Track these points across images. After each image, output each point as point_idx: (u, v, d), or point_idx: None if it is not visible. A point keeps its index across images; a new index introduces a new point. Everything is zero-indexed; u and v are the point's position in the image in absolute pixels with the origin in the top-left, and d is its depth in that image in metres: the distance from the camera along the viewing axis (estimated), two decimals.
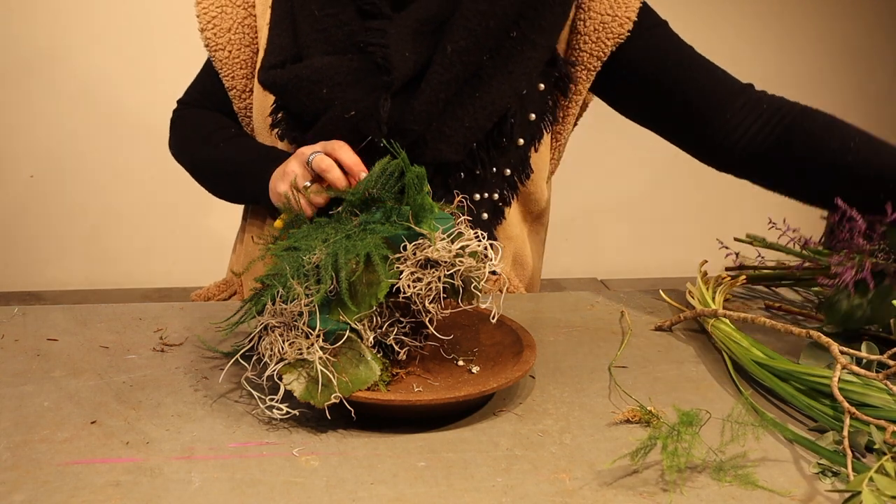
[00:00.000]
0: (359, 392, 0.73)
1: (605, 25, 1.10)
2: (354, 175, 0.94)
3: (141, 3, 2.48)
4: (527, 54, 1.05)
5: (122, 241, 2.73)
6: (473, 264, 0.76)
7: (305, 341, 0.75)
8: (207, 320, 0.99)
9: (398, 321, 0.82)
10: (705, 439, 0.72)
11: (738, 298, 1.15)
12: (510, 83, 1.05)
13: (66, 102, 2.58)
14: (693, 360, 0.93)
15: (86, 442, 0.71)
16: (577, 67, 1.12)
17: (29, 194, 2.64)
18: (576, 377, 0.87)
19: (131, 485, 0.65)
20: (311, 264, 0.77)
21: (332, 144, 0.97)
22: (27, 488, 0.64)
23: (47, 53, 2.54)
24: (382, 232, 0.78)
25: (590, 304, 1.11)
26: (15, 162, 2.61)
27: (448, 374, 0.84)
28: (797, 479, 0.69)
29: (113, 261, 2.76)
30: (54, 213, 2.67)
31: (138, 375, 0.83)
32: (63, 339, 0.92)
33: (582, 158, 2.80)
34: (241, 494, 0.64)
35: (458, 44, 1.01)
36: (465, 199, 0.86)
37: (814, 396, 0.80)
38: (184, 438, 0.72)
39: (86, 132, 2.60)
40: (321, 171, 0.95)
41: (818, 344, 0.84)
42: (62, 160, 2.62)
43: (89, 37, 2.54)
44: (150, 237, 2.74)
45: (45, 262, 2.72)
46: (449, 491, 0.65)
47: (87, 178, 2.61)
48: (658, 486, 0.67)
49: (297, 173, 0.98)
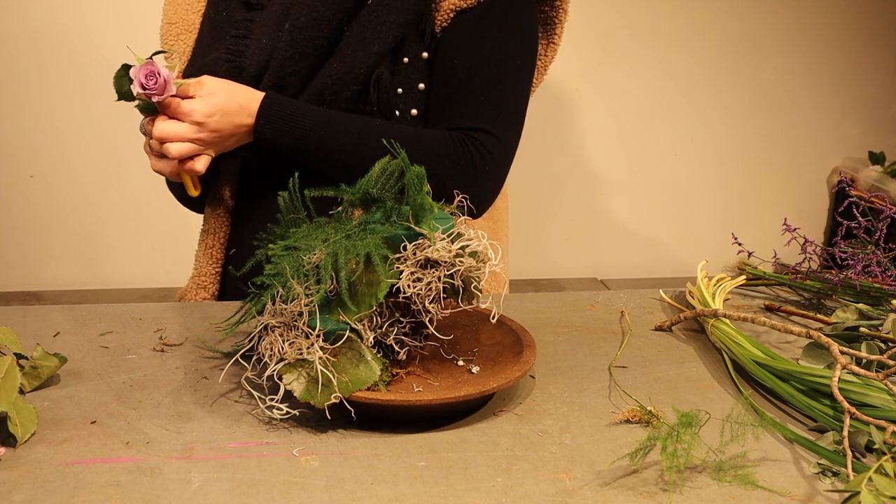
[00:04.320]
0: (359, 392, 0.73)
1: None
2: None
3: (142, 3, 2.48)
4: (381, 18, 1.07)
5: (123, 241, 2.73)
6: (473, 264, 0.76)
7: (305, 341, 0.75)
8: (207, 320, 0.98)
9: (398, 321, 0.82)
10: (705, 439, 0.72)
11: (738, 298, 1.15)
12: (363, 48, 1.07)
13: (66, 102, 2.58)
14: (693, 360, 0.93)
15: (86, 442, 0.71)
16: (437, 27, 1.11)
17: (29, 194, 2.64)
18: (576, 377, 0.87)
19: (131, 485, 0.65)
20: (311, 264, 0.77)
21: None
22: (27, 488, 0.64)
23: (48, 53, 2.54)
24: (382, 232, 0.78)
25: (590, 304, 1.11)
26: (15, 162, 2.61)
27: (448, 374, 0.84)
28: (797, 479, 0.69)
29: (113, 261, 2.76)
30: (54, 213, 2.67)
31: (138, 375, 0.83)
32: (63, 339, 0.92)
33: (582, 158, 2.81)
34: (241, 494, 0.64)
35: (299, 20, 1.06)
36: (465, 200, 0.86)
37: (814, 396, 0.80)
38: (184, 438, 0.72)
39: (86, 132, 2.60)
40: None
41: (818, 344, 0.84)
42: (62, 160, 2.62)
43: (90, 36, 2.54)
44: (150, 237, 2.73)
45: (45, 262, 2.71)
46: (449, 491, 0.65)
47: (87, 178, 2.61)
48: (658, 486, 0.67)
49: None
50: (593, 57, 2.72)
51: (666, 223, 2.96)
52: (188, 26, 1.18)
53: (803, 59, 2.90)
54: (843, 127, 3.01)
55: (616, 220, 2.93)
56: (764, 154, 2.95)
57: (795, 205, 3.01)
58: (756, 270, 1.18)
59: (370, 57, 1.07)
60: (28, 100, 2.58)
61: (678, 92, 2.81)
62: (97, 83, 2.60)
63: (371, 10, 1.07)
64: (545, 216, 2.83)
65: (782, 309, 1.09)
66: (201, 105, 0.98)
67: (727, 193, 2.95)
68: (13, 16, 2.51)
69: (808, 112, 2.96)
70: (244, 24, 1.11)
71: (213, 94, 0.99)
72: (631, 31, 2.74)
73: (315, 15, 1.06)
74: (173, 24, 1.19)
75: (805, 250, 1.11)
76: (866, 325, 0.95)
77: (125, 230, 2.73)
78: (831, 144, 3.02)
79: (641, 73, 2.78)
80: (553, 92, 2.68)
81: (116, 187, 2.63)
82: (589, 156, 2.80)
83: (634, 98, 2.78)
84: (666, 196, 2.91)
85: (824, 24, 2.89)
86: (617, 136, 2.80)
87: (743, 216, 2.98)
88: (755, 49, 2.81)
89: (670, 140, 2.83)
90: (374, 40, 1.07)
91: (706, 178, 2.92)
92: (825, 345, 0.80)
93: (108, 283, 2.77)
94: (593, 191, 2.87)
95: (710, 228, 2.96)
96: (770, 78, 2.87)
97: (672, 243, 2.98)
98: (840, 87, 2.97)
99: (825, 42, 2.92)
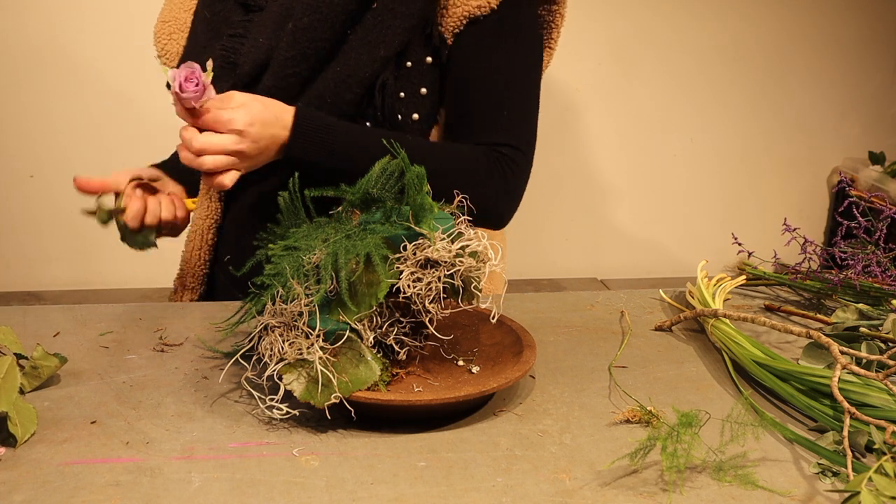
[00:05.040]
0: (359, 392, 0.73)
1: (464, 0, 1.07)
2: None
3: (144, 3, 2.48)
4: (387, 23, 1.05)
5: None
6: (473, 264, 0.76)
7: (305, 341, 0.75)
8: (207, 320, 0.98)
9: (398, 321, 0.82)
10: (705, 439, 0.72)
11: (738, 298, 1.15)
12: (368, 52, 1.05)
13: (66, 102, 2.58)
14: (693, 360, 0.93)
15: (86, 442, 0.71)
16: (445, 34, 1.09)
17: (29, 194, 2.64)
18: (576, 377, 0.87)
19: (131, 485, 0.65)
20: (311, 264, 0.77)
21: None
22: (27, 488, 0.64)
23: (48, 53, 2.54)
24: (382, 232, 0.78)
25: (590, 304, 1.11)
26: (15, 162, 2.61)
27: (448, 374, 0.84)
28: (797, 479, 0.69)
29: (113, 261, 2.76)
30: (54, 213, 2.67)
31: (138, 375, 0.83)
32: (63, 339, 0.92)
33: (582, 158, 2.80)
34: (241, 494, 0.64)
35: (301, 21, 1.04)
36: (464, 200, 0.85)
37: (814, 396, 0.80)
38: (184, 438, 0.72)
39: (86, 132, 2.60)
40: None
41: (818, 344, 0.84)
42: (62, 160, 2.62)
43: (90, 36, 2.54)
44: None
45: (45, 262, 2.71)
46: (449, 491, 0.65)
47: None
48: (658, 486, 0.67)
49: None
50: (593, 57, 2.72)
51: (666, 223, 2.96)
52: (180, 25, 1.17)
53: (803, 59, 2.90)
54: (843, 127, 3.01)
55: (616, 220, 2.93)
56: (764, 154, 2.95)
57: (795, 205, 3.00)
58: (756, 270, 1.18)
59: (375, 61, 1.05)
60: (28, 100, 2.58)
61: (678, 92, 2.81)
62: (97, 83, 2.60)
63: (376, 14, 1.06)
64: (545, 216, 2.83)
65: (782, 309, 1.09)
66: (241, 114, 0.93)
67: (727, 193, 2.95)
68: (13, 16, 2.51)
69: (808, 112, 2.96)
70: (242, 25, 1.10)
71: (247, 104, 0.95)
72: (631, 31, 2.74)
73: (319, 16, 1.04)
74: (166, 22, 1.17)
75: (805, 250, 1.11)
76: (866, 325, 0.95)
77: None
78: (831, 144, 3.02)
79: (641, 74, 2.78)
80: (552, 92, 2.68)
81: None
82: (589, 156, 2.80)
83: (634, 98, 2.78)
84: (666, 196, 2.91)
85: (824, 24, 2.89)
86: (617, 136, 2.80)
87: (743, 216, 2.98)
88: (755, 49, 2.81)
89: (670, 140, 2.83)
90: (380, 45, 1.05)
91: (706, 178, 2.91)
92: (825, 345, 0.80)
93: (108, 283, 2.77)
94: (593, 191, 2.87)
95: (710, 228, 2.95)
96: (770, 78, 2.87)
97: (672, 243, 2.98)
98: (840, 87, 2.97)
99: (825, 42, 2.91)
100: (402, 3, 1.05)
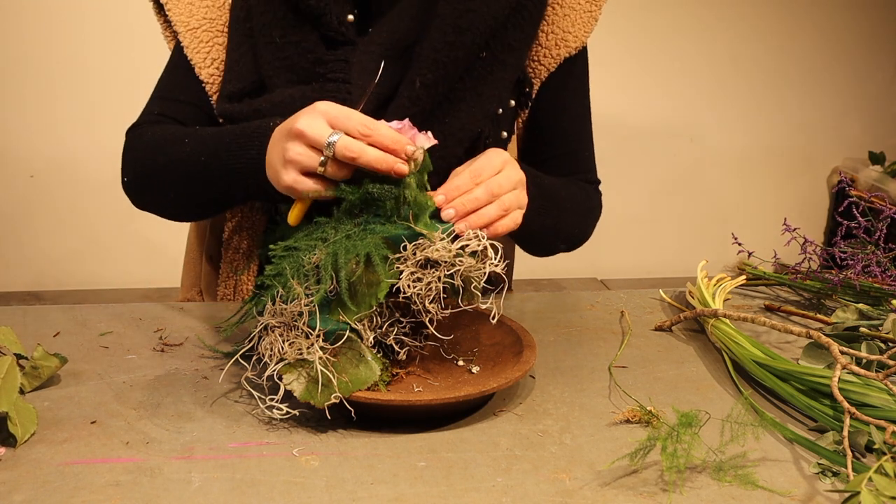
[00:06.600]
0: (359, 392, 0.73)
1: (565, 41, 1.08)
2: (398, 153, 0.81)
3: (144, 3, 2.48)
4: (497, 75, 1.02)
5: (123, 241, 2.73)
6: (473, 264, 0.76)
7: (305, 341, 0.75)
8: (207, 320, 0.98)
9: (398, 321, 0.82)
10: (705, 439, 0.72)
11: (738, 298, 1.15)
12: (480, 106, 1.01)
13: (66, 102, 2.58)
14: (693, 360, 0.93)
15: (86, 442, 0.71)
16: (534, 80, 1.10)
17: (29, 194, 2.64)
18: (576, 377, 0.87)
19: (131, 485, 0.65)
20: (311, 264, 0.77)
21: (351, 123, 0.82)
22: (27, 488, 0.64)
23: (48, 53, 2.54)
24: (382, 232, 0.78)
25: (590, 304, 1.11)
26: (15, 162, 2.61)
27: (448, 374, 0.84)
28: (797, 479, 0.69)
29: (113, 261, 2.76)
30: (54, 213, 2.67)
31: (138, 375, 0.83)
32: (63, 339, 0.92)
33: None
34: (241, 494, 0.64)
35: (426, 77, 0.96)
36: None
37: (814, 396, 0.80)
38: (184, 438, 0.72)
39: (86, 132, 2.60)
40: (350, 158, 0.80)
41: (818, 344, 0.84)
42: (62, 160, 2.62)
43: (91, 36, 2.54)
44: (150, 237, 2.73)
45: (45, 262, 2.71)
46: (449, 491, 0.65)
47: (87, 178, 2.61)
48: (658, 486, 0.67)
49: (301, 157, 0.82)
50: (592, 56, 2.71)
51: (666, 223, 2.96)
52: (219, 26, 1.06)
53: (804, 59, 2.90)
54: (843, 127, 3.01)
55: (616, 220, 2.93)
56: (764, 154, 2.95)
57: (795, 205, 3.01)
58: (756, 270, 1.18)
59: (487, 116, 1.02)
60: (28, 100, 2.58)
61: (678, 92, 2.81)
62: (97, 83, 2.60)
63: (486, 64, 1.00)
64: None
65: (782, 309, 1.09)
66: (504, 178, 0.87)
67: (727, 193, 2.95)
68: (13, 16, 2.51)
69: (808, 112, 2.96)
70: (340, 67, 0.98)
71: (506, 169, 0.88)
72: (631, 31, 2.74)
73: (443, 73, 0.97)
74: (196, 29, 1.06)
75: (805, 250, 1.11)
76: (866, 325, 0.95)
77: (125, 230, 2.73)
78: (831, 144, 3.02)
79: (641, 74, 2.78)
80: None
81: (117, 187, 2.63)
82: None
83: (634, 98, 2.78)
84: (666, 196, 2.91)
85: (825, 24, 2.89)
86: (617, 136, 2.80)
87: (743, 216, 2.98)
88: (755, 49, 2.81)
89: (670, 140, 2.83)
90: (492, 99, 1.02)
91: (706, 178, 2.91)
92: (825, 345, 0.80)
93: (108, 283, 2.77)
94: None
95: (710, 228, 2.95)
96: (770, 78, 2.87)
97: (672, 243, 2.98)
98: (840, 87, 2.98)
99: (826, 42, 2.92)
100: (508, 53, 1.02)
